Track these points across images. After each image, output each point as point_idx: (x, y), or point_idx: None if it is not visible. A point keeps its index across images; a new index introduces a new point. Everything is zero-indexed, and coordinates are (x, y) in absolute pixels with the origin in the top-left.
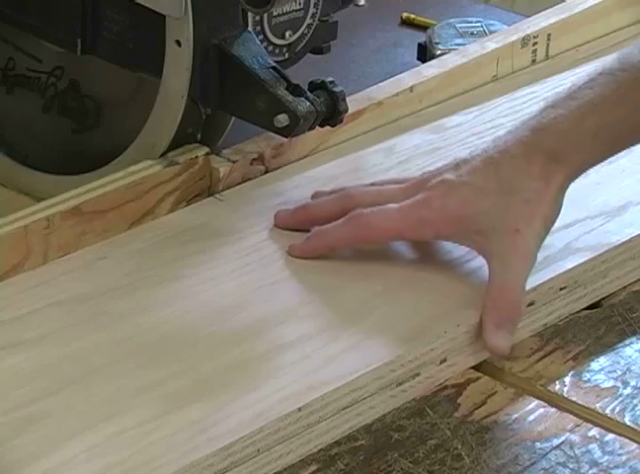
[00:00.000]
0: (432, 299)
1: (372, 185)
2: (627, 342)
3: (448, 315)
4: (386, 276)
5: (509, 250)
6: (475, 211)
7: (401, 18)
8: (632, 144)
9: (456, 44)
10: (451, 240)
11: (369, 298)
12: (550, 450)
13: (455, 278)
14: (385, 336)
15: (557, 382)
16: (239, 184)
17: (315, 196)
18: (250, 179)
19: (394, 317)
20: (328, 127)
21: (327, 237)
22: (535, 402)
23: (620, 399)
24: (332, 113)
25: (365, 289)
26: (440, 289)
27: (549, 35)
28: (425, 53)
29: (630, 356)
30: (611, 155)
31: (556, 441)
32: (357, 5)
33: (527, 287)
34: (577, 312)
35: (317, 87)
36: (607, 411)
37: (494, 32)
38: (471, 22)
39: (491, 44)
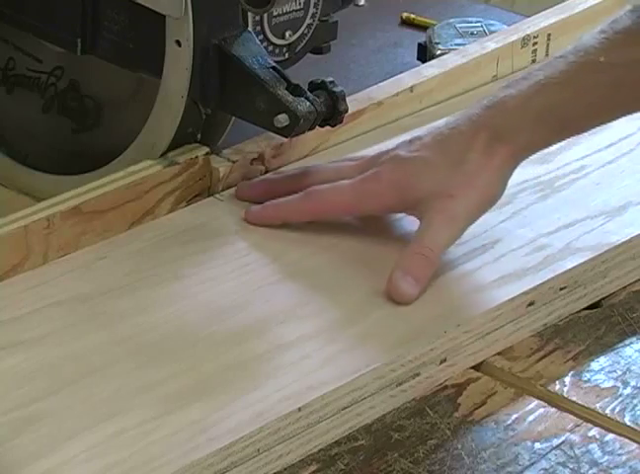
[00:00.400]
0: (432, 299)
1: (331, 163)
2: (627, 342)
3: (448, 315)
4: (386, 277)
5: (437, 211)
6: (417, 180)
7: (401, 18)
8: (583, 130)
9: (456, 44)
10: (396, 210)
11: (369, 298)
12: (550, 450)
13: (455, 279)
14: (385, 336)
15: (557, 382)
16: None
17: (276, 173)
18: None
19: (394, 317)
20: (328, 127)
21: (282, 209)
22: (535, 402)
23: (620, 399)
24: (332, 113)
25: (365, 289)
26: (439, 289)
27: (549, 35)
28: (425, 53)
29: (630, 356)
30: (560, 139)
31: (556, 441)
32: (357, 5)
33: (527, 287)
34: (577, 312)
35: (317, 87)
36: (607, 411)
37: (494, 32)
38: (471, 22)
39: (491, 44)
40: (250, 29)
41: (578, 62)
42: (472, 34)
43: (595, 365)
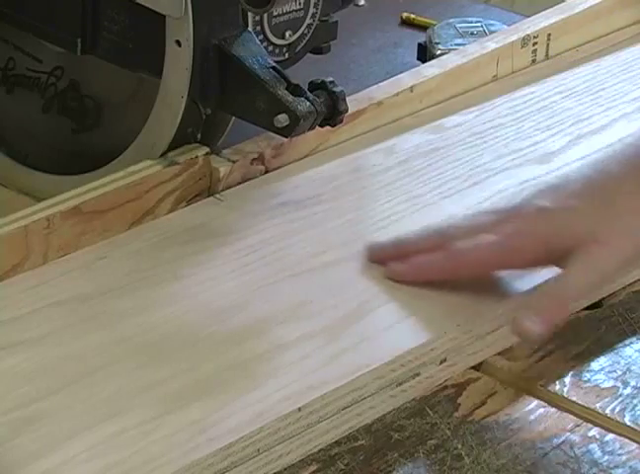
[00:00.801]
0: (432, 299)
1: (467, 218)
2: (627, 342)
3: (448, 315)
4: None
5: (578, 256)
6: (564, 231)
7: (401, 18)
8: None
9: (456, 44)
10: (542, 264)
11: (369, 298)
12: (550, 450)
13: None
14: (385, 336)
15: (557, 382)
16: (239, 184)
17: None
18: (250, 179)
19: (394, 317)
20: (328, 127)
21: (425, 268)
22: (535, 402)
23: (620, 399)
24: (332, 113)
25: (365, 289)
26: (440, 289)
27: (549, 35)
28: (425, 53)
29: (630, 356)
30: None
31: (556, 441)
32: (357, 5)
33: (527, 287)
34: (577, 312)
35: (317, 87)
36: (607, 411)
37: (494, 32)
38: (471, 22)
39: (491, 44)
40: (250, 29)
41: None
42: (472, 34)
43: (595, 365)
